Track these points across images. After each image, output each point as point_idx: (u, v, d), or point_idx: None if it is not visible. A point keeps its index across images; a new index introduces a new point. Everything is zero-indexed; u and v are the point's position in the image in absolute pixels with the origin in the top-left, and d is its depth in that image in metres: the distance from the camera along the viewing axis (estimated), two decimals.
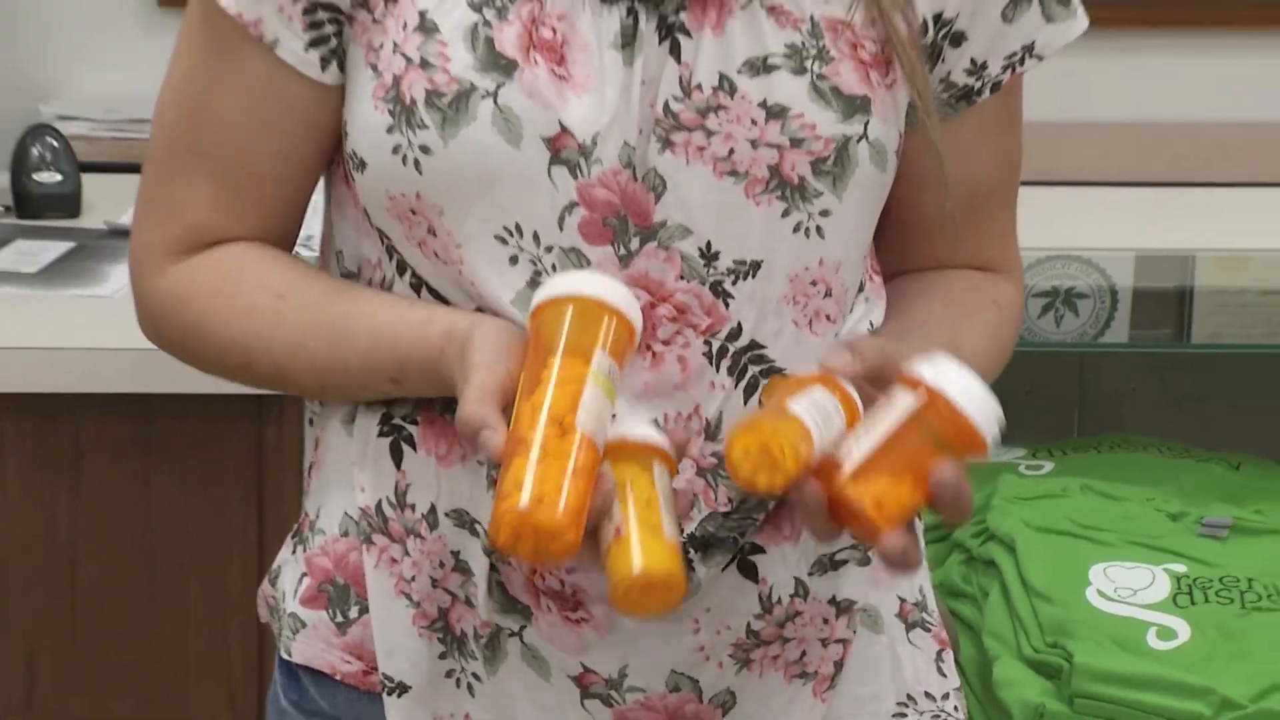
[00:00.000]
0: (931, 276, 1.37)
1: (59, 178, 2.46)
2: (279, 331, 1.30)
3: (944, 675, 1.42)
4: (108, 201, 2.49)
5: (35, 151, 2.47)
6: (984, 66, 1.33)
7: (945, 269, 1.40)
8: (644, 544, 1.11)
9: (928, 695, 1.40)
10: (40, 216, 2.47)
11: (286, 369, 1.32)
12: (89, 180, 2.54)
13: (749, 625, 1.31)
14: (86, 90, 3.71)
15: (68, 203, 2.48)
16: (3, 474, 2.13)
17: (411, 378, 1.26)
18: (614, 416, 1.16)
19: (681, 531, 1.20)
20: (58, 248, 2.37)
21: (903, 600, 1.40)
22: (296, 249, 1.40)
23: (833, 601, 1.34)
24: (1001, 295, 1.42)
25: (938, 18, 1.30)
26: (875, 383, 1.19)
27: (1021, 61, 1.34)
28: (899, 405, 1.15)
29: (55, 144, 2.48)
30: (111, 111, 3.51)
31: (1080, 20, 1.36)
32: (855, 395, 1.18)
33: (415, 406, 1.30)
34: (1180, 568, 2.30)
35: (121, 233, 2.41)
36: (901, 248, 1.39)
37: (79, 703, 2.18)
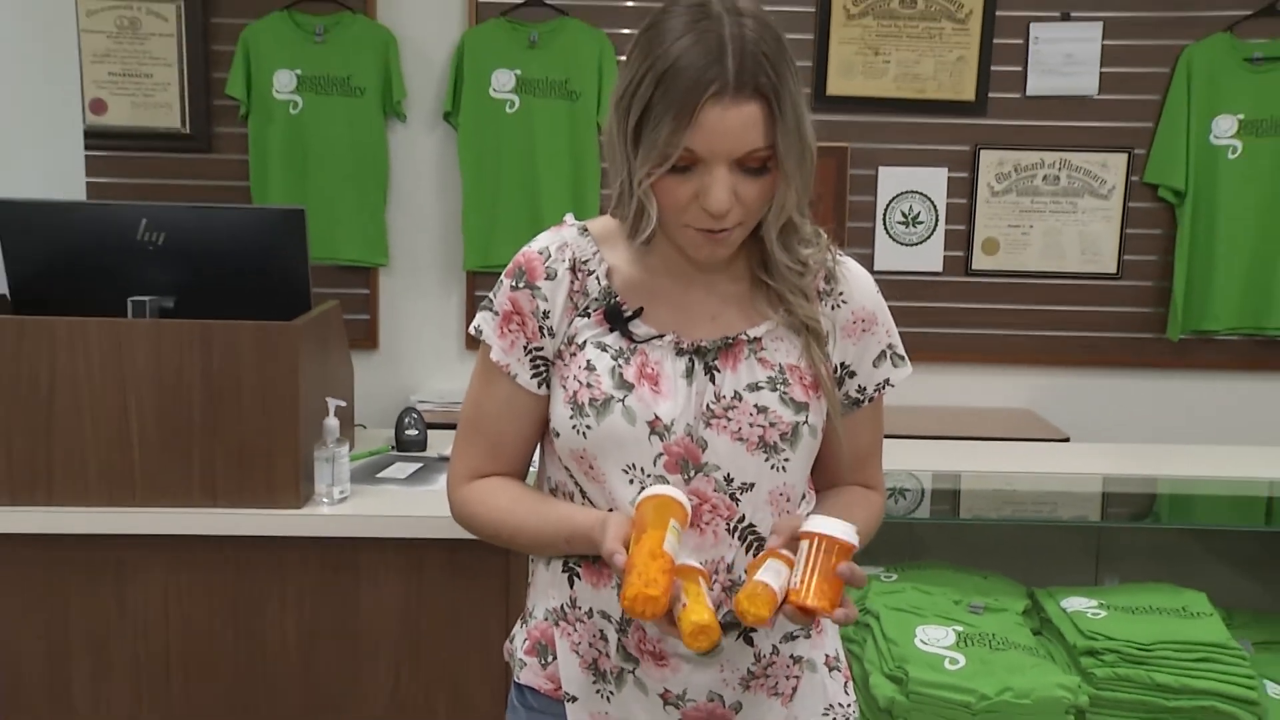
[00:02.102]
0: (837, 488, 1.33)
1: (417, 433, 2.46)
2: (511, 519, 1.29)
3: (849, 695, 1.38)
4: (440, 443, 2.49)
5: (406, 420, 2.48)
6: (864, 390, 1.33)
7: (846, 485, 1.35)
8: (699, 610, 1.10)
9: (840, 705, 1.35)
10: (408, 451, 2.45)
11: (516, 537, 1.30)
12: (432, 434, 2.52)
13: (748, 668, 1.28)
14: (432, 389, 3.73)
15: (421, 445, 2.46)
16: (384, 582, 2.08)
17: (576, 541, 1.24)
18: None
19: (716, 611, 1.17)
20: (415, 466, 2.35)
21: (828, 655, 1.36)
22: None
23: (792, 656, 1.31)
24: (872, 498, 1.38)
25: (842, 364, 1.30)
26: (791, 542, 1.18)
27: (882, 388, 1.34)
28: (804, 548, 1.14)
29: (416, 415, 2.49)
30: (442, 398, 3.53)
31: (909, 367, 1.35)
32: (788, 553, 1.16)
33: (580, 559, 1.28)
34: (960, 628, 2.24)
35: (446, 459, 2.36)
36: (823, 475, 1.35)
37: (419, 696, 2.11)
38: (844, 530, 1.13)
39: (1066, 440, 3.43)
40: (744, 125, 1.11)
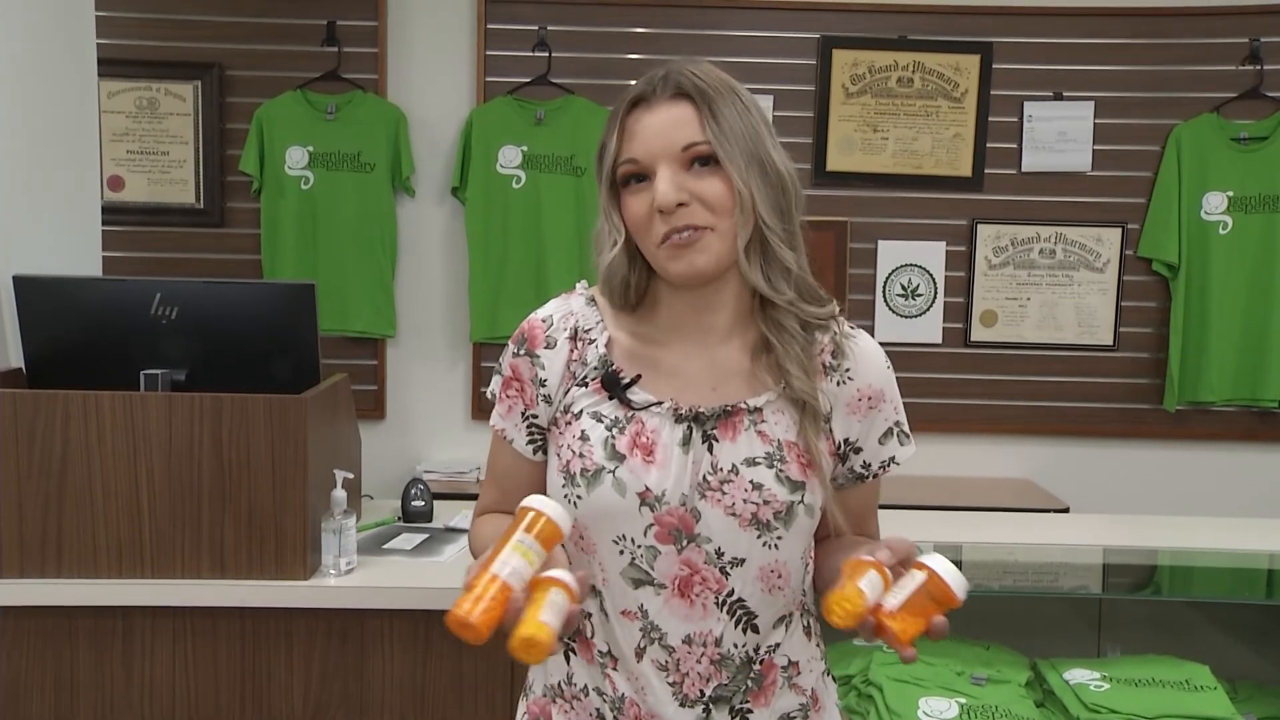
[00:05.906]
0: (842, 538, 1.30)
1: (423, 503, 2.46)
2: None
3: None
4: (446, 513, 2.49)
5: (413, 491, 2.48)
6: (869, 465, 1.31)
7: (847, 536, 1.32)
8: (527, 625, 1.03)
9: None
10: (414, 522, 2.45)
11: None
12: (438, 504, 2.52)
13: None
14: (438, 459, 3.72)
15: (427, 516, 2.46)
16: (391, 653, 2.06)
17: None
18: (539, 566, 1.07)
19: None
20: (421, 537, 2.34)
21: None
22: None
23: None
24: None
25: (846, 440, 1.28)
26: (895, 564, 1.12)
27: (888, 466, 1.32)
28: (916, 577, 1.09)
29: (422, 486, 2.49)
30: (448, 468, 3.51)
31: (913, 446, 1.32)
32: (888, 572, 1.09)
33: (574, 635, 1.26)
34: (963, 700, 2.21)
35: (452, 530, 2.36)
36: (820, 528, 1.30)
37: None
38: (957, 583, 1.08)
39: (1066, 510, 3.42)
40: (673, 123, 1.17)
